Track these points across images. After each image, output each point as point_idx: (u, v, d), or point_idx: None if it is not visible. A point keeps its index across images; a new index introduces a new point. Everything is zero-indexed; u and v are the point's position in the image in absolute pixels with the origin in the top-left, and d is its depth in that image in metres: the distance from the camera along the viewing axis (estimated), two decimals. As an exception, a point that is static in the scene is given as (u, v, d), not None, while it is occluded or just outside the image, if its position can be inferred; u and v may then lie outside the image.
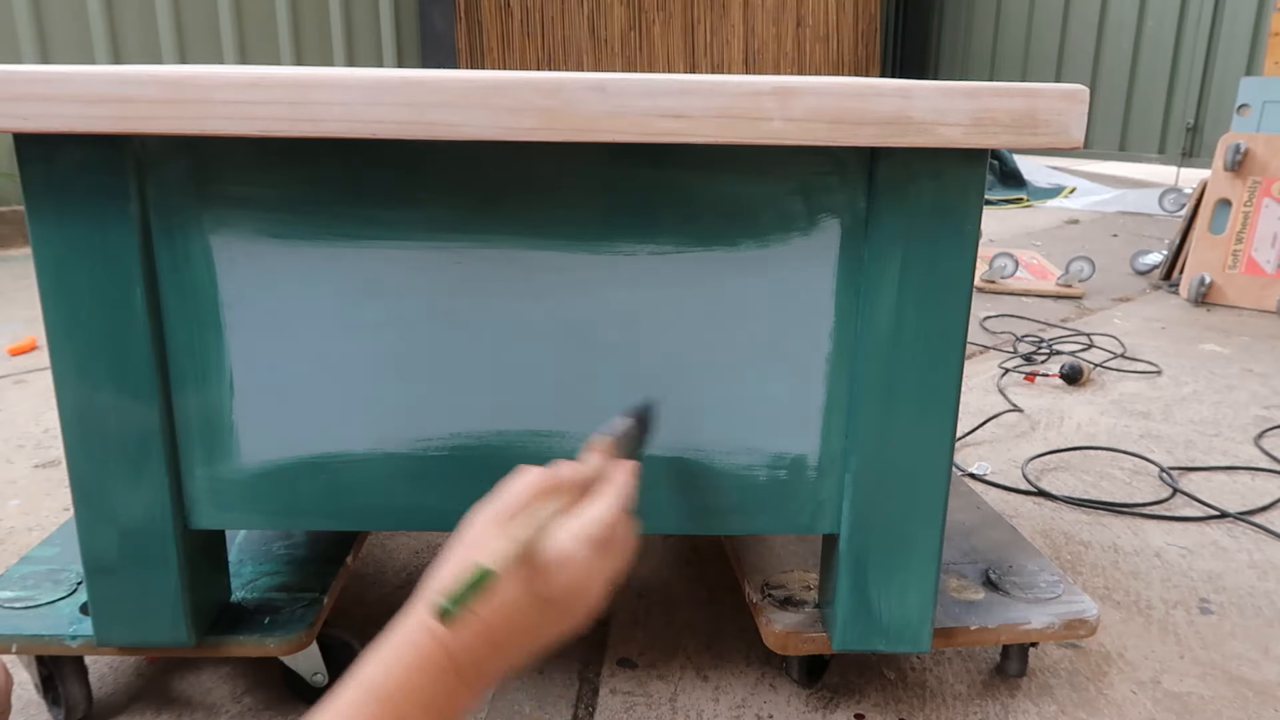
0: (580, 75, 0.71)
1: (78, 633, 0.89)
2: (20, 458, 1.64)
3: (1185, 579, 1.29)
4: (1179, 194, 4.81)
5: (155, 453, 0.84)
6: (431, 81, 0.70)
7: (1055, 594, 1.01)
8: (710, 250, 0.83)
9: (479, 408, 0.87)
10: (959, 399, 0.86)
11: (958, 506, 1.21)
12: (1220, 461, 1.70)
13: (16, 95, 0.70)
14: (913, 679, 1.05)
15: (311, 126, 0.71)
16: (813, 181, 0.82)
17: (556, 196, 0.82)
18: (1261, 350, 2.46)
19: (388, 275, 0.83)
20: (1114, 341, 2.48)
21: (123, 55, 4.01)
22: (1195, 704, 1.02)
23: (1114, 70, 6.96)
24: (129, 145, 0.77)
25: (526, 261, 0.83)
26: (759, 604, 0.98)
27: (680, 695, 1.02)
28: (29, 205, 0.78)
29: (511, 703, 1.00)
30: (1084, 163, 7.08)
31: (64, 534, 1.07)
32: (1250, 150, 2.98)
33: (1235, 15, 6.29)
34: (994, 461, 1.69)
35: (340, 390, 0.86)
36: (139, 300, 0.80)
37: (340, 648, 0.98)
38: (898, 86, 0.73)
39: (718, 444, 0.88)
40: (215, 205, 0.80)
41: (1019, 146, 0.76)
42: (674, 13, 6.43)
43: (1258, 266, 2.94)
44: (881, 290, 0.83)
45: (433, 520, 0.89)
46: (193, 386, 0.84)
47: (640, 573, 1.27)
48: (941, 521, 0.89)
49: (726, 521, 0.91)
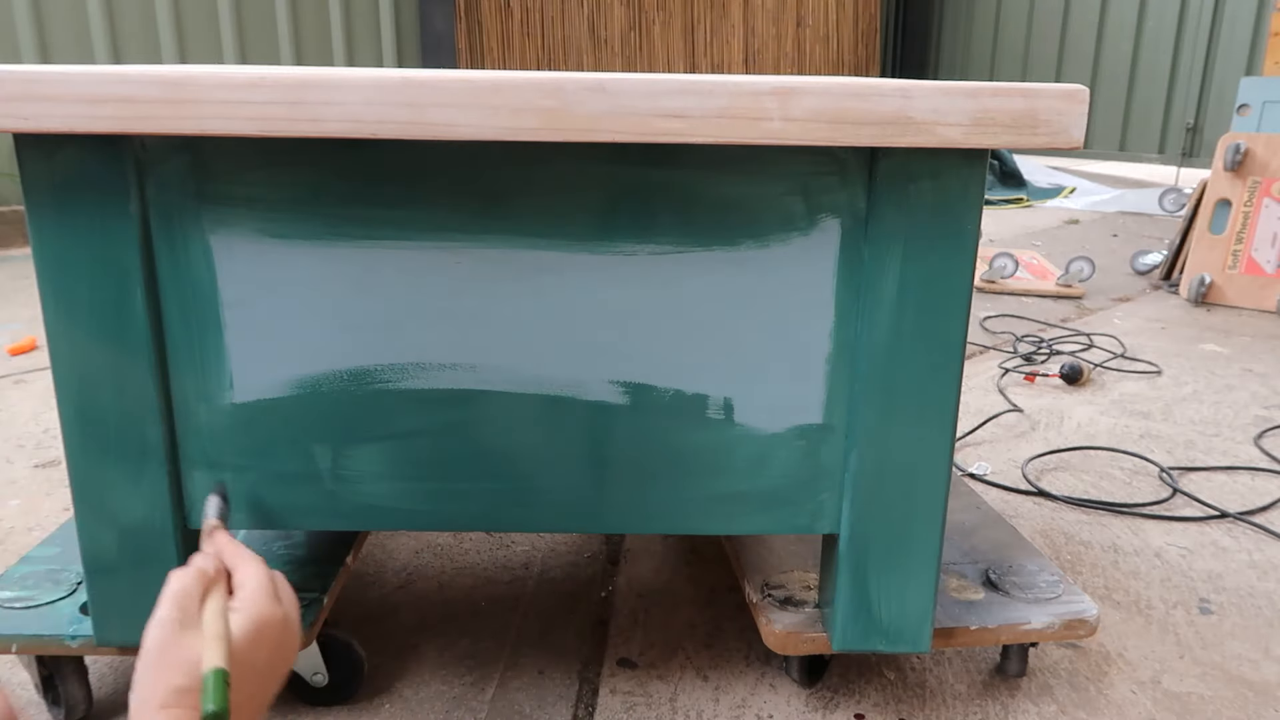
0: (580, 75, 0.71)
1: (78, 633, 0.89)
2: (20, 458, 1.64)
3: (1185, 579, 1.29)
4: (1179, 194, 4.81)
5: (155, 453, 0.84)
6: (431, 81, 0.70)
7: (1055, 594, 1.01)
8: (710, 250, 0.83)
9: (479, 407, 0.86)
10: (959, 399, 0.86)
11: (958, 506, 1.21)
12: (1220, 461, 1.70)
13: (16, 95, 0.70)
14: (913, 679, 1.05)
15: (311, 126, 0.71)
16: (813, 181, 0.82)
17: (556, 196, 0.82)
18: (1261, 350, 2.46)
19: (388, 275, 0.83)
20: (1114, 341, 2.48)
21: (123, 55, 4.01)
22: (1195, 704, 1.02)
23: (1114, 70, 6.96)
24: (129, 145, 0.77)
25: (526, 261, 0.83)
26: (759, 604, 0.98)
27: (680, 695, 1.02)
28: (29, 205, 0.78)
29: (512, 703, 1.00)
30: (1084, 163, 7.09)
31: (64, 534, 1.07)
32: (1250, 150, 2.98)
33: (1235, 15, 6.29)
34: (994, 461, 1.69)
35: (340, 390, 0.85)
36: (139, 300, 0.80)
37: (340, 648, 0.98)
38: (898, 86, 0.73)
39: (717, 443, 0.88)
40: (215, 205, 0.80)
41: (1019, 146, 0.76)
42: (674, 13, 6.43)
43: (1258, 266, 2.94)
44: (881, 290, 0.83)
45: (432, 520, 0.89)
46: (193, 386, 0.84)
47: (640, 573, 1.27)
48: (941, 521, 0.89)
49: (726, 521, 0.91)
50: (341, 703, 0.99)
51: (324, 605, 0.95)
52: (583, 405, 0.87)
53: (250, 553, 0.75)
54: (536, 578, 1.25)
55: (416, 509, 0.89)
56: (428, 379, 0.86)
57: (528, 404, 0.87)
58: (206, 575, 0.71)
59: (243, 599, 0.70)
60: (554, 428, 0.87)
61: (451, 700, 1.00)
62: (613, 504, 0.89)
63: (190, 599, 0.68)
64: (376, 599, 1.19)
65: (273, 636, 0.69)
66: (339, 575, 1.00)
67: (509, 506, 0.89)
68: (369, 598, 1.20)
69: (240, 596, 0.70)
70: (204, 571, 0.71)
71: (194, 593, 0.69)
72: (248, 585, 0.71)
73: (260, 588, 0.71)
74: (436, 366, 0.85)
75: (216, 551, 0.75)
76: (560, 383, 0.86)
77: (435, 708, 0.99)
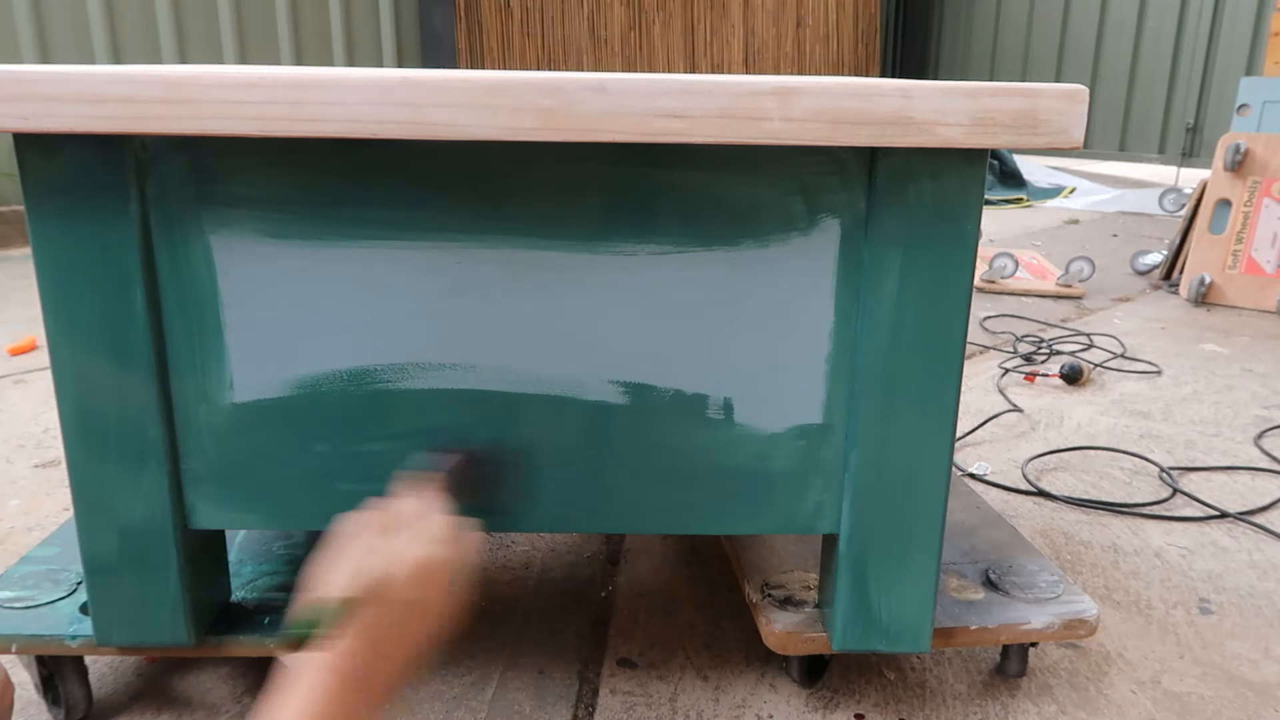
0: (580, 75, 0.71)
1: (78, 633, 0.89)
2: (20, 458, 1.64)
3: (1185, 579, 1.29)
4: (1179, 194, 4.81)
5: (155, 453, 0.84)
6: (431, 81, 0.70)
7: (1055, 594, 1.01)
8: (710, 250, 0.83)
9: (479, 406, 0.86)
10: (959, 399, 0.86)
11: (958, 506, 1.21)
12: (1220, 461, 1.70)
13: (16, 95, 0.70)
14: (913, 679, 1.05)
15: (312, 126, 0.71)
16: (813, 181, 0.82)
17: (556, 196, 0.82)
18: (1261, 350, 2.46)
19: (387, 275, 0.83)
20: (1114, 341, 2.48)
21: (123, 55, 4.01)
22: (1195, 704, 1.02)
23: (1114, 70, 6.96)
24: (129, 145, 0.77)
25: (526, 261, 0.83)
26: (759, 604, 0.98)
27: (680, 695, 1.02)
28: (29, 205, 0.78)
29: (512, 703, 1.00)
30: (1084, 163, 7.09)
31: (64, 534, 1.07)
32: (1250, 150, 2.98)
33: (1235, 15, 6.29)
34: (994, 461, 1.69)
35: (340, 390, 0.85)
36: (139, 300, 0.80)
37: (340, 648, 0.98)
38: (898, 86, 0.73)
39: (717, 444, 0.88)
40: (215, 205, 0.80)
41: (1019, 146, 0.76)
42: (674, 13, 6.43)
43: (1258, 266, 2.94)
44: (881, 290, 0.83)
45: (433, 520, 0.89)
46: (193, 386, 0.84)
47: (640, 573, 1.27)
48: (941, 522, 0.89)
49: (727, 521, 0.91)
50: (341, 703, 0.98)
51: (324, 605, 0.95)
52: (583, 405, 0.87)
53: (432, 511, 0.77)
54: (536, 578, 1.25)
55: (416, 509, 0.89)
56: (428, 379, 0.86)
57: (528, 404, 0.87)
58: (388, 513, 0.75)
59: (407, 546, 0.72)
60: (554, 428, 0.87)
61: (451, 700, 1.00)
62: (613, 504, 0.89)
63: (391, 519, 0.74)
64: (376, 599, 1.19)
65: (421, 581, 0.71)
66: (339, 575, 1.00)
67: (509, 506, 0.89)
68: (369, 598, 1.19)
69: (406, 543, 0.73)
70: (386, 510, 0.75)
71: (375, 526, 0.73)
72: (413, 533, 0.74)
73: (419, 538, 0.73)
74: (436, 366, 0.85)
75: (405, 500, 0.78)
76: (560, 383, 0.86)
77: (435, 708, 0.98)
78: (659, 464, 0.88)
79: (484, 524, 0.82)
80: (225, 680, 1.02)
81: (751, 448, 0.88)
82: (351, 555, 0.70)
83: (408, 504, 0.77)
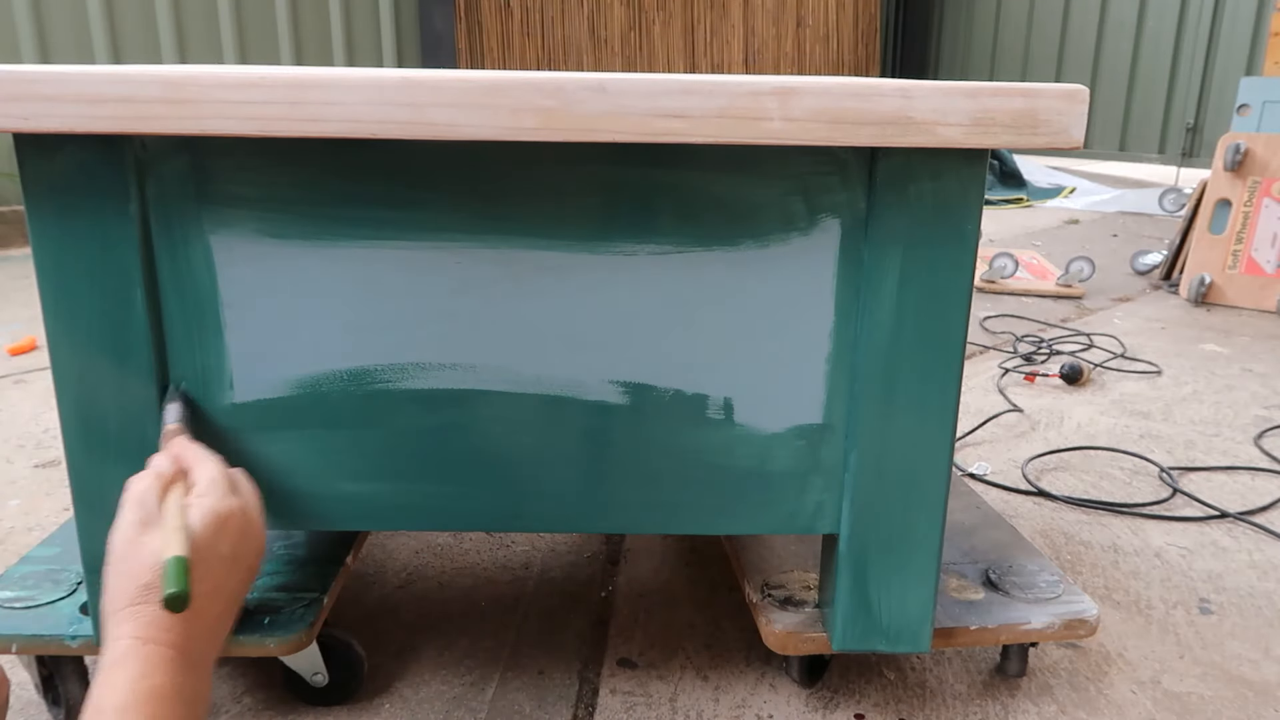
0: (580, 75, 0.71)
1: (78, 633, 0.89)
2: (20, 458, 1.64)
3: (1185, 579, 1.29)
4: (1179, 194, 4.81)
5: (155, 453, 0.83)
6: (431, 81, 0.70)
7: (1055, 594, 1.01)
8: (710, 250, 0.83)
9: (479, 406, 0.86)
10: (959, 399, 0.86)
11: (958, 506, 1.21)
12: (1220, 461, 1.70)
13: (16, 95, 0.70)
14: (913, 679, 1.05)
15: (312, 126, 0.71)
16: (813, 181, 0.82)
17: (556, 197, 0.82)
18: (1261, 350, 2.46)
19: (387, 275, 0.83)
20: (1114, 341, 2.48)
21: (123, 55, 4.01)
22: (1195, 704, 1.02)
23: (1114, 70, 6.96)
24: (129, 145, 0.77)
25: (526, 261, 0.83)
26: (759, 604, 0.98)
27: (680, 695, 1.02)
28: (29, 205, 0.78)
29: (512, 703, 1.00)
30: (1084, 163, 7.09)
31: (64, 534, 1.07)
32: (1250, 150, 2.98)
33: (1235, 15, 6.29)
34: (994, 461, 1.69)
35: (340, 390, 0.85)
36: (139, 300, 0.80)
37: (340, 648, 0.98)
38: (898, 86, 0.73)
39: (717, 444, 0.88)
40: (215, 205, 0.80)
41: (1019, 146, 0.76)
42: (674, 13, 6.43)
43: (1258, 266, 2.94)
44: (881, 290, 0.83)
45: (432, 520, 0.89)
46: (193, 386, 0.84)
47: (640, 573, 1.27)
48: (941, 521, 0.89)
49: (726, 521, 0.91)
50: (341, 703, 0.99)
51: (324, 605, 0.95)
52: (583, 405, 0.87)
53: (207, 452, 0.76)
54: (536, 578, 1.25)
55: (416, 509, 0.89)
56: (428, 379, 0.86)
57: (528, 404, 0.87)
58: (164, 476, 0.72)
59: (200, 493, 0.71)
60: (554, 428, 0.87)
61: (451, 700, 1.00)
62: (613, 504, 0.89)
63: (149, 500, 0.70)
64: (376, 599, 1.19)
65: (235, 527, 0.70)
66: (339, 575, 1.00)
67: (509, 506, 0.89)
68: (369, 598, 1.20)
69: (197, 491, 0.72)
70: (161, 473, 0.73)
71: (152, 494, 0.70)
72: (203, 480, 0.73)
73: (216, 482, 0.72)
74: (436, 366, 0.85)
75: (174, 454, 0.76)
76: (560, 383, 0.86)
77: (435, 707, 0.99)
78: (659, 464, 0.88)
79: None
80: (225, 680, 1.02)
81: (751, 448, 0.88)
82: (151, 522, 0.68)
83: (177, 461, 0.75)
